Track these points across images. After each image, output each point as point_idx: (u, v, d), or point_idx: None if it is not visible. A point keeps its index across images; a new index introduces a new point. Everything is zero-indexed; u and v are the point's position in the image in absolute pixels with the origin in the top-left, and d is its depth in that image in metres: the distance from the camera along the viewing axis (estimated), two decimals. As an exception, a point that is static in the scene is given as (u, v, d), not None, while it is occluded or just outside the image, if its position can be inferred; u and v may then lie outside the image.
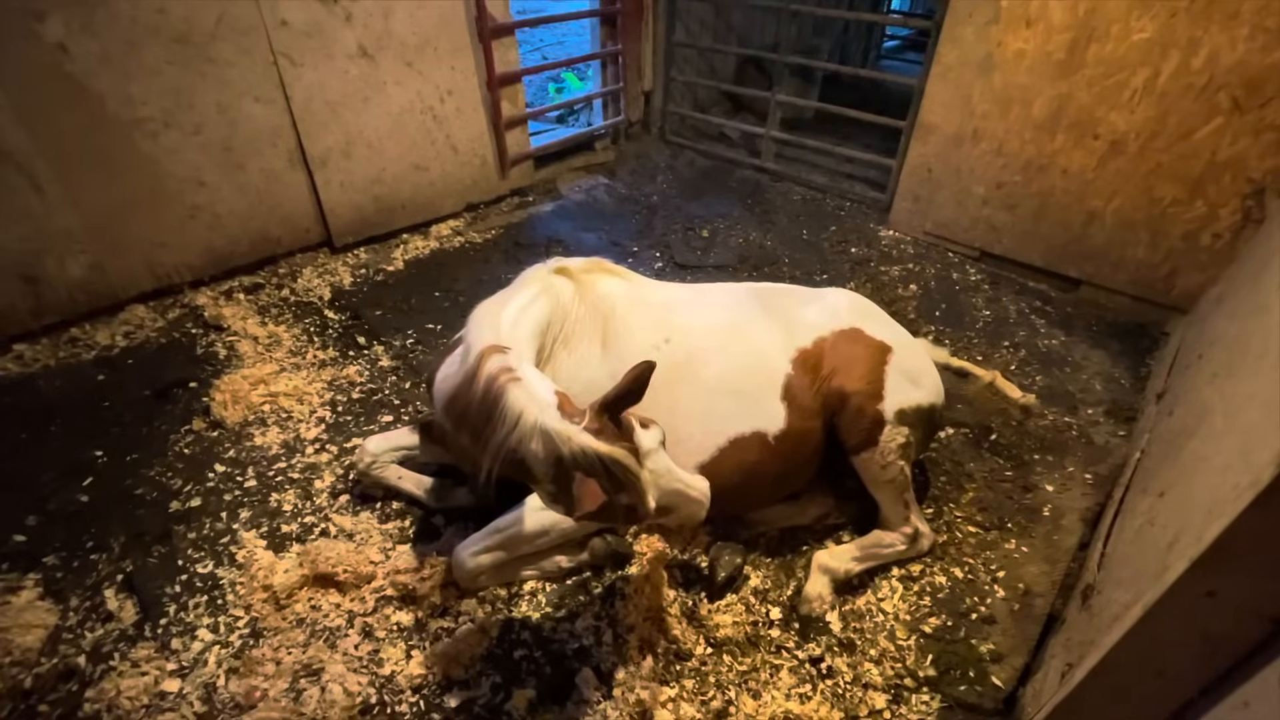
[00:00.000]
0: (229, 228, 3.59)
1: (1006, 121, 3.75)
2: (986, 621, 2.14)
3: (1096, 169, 3.54)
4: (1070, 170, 3.63)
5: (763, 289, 2.53)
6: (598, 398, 1.62)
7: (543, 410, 1.57)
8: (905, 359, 2.23)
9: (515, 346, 1.78)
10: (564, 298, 2.10)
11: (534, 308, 2.01)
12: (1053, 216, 3.78)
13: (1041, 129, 3.65)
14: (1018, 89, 3.65)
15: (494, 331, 1.82)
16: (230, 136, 3.43)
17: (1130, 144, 3.39)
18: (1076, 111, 3.50)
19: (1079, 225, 3.70)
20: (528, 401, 1.59)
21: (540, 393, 1.63)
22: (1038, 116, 3.63)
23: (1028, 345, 3.44)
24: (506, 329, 1.85)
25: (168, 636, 2.02)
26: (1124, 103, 3.35)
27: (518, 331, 1.88)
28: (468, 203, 4.57)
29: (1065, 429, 2.91)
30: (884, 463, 2.13)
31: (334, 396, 2.95)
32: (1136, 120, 3.34)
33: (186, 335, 3.27)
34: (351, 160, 3.89)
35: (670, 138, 5.76)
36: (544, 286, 2.08)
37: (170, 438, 2.70)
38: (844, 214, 4.76)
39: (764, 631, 2.09)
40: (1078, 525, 2.45)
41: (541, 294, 2.05)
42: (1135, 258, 3.58)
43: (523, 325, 1.92)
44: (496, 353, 1.73)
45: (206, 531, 2.34)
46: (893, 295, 3.79)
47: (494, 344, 1.76)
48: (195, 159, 3.36)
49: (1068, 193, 3.68)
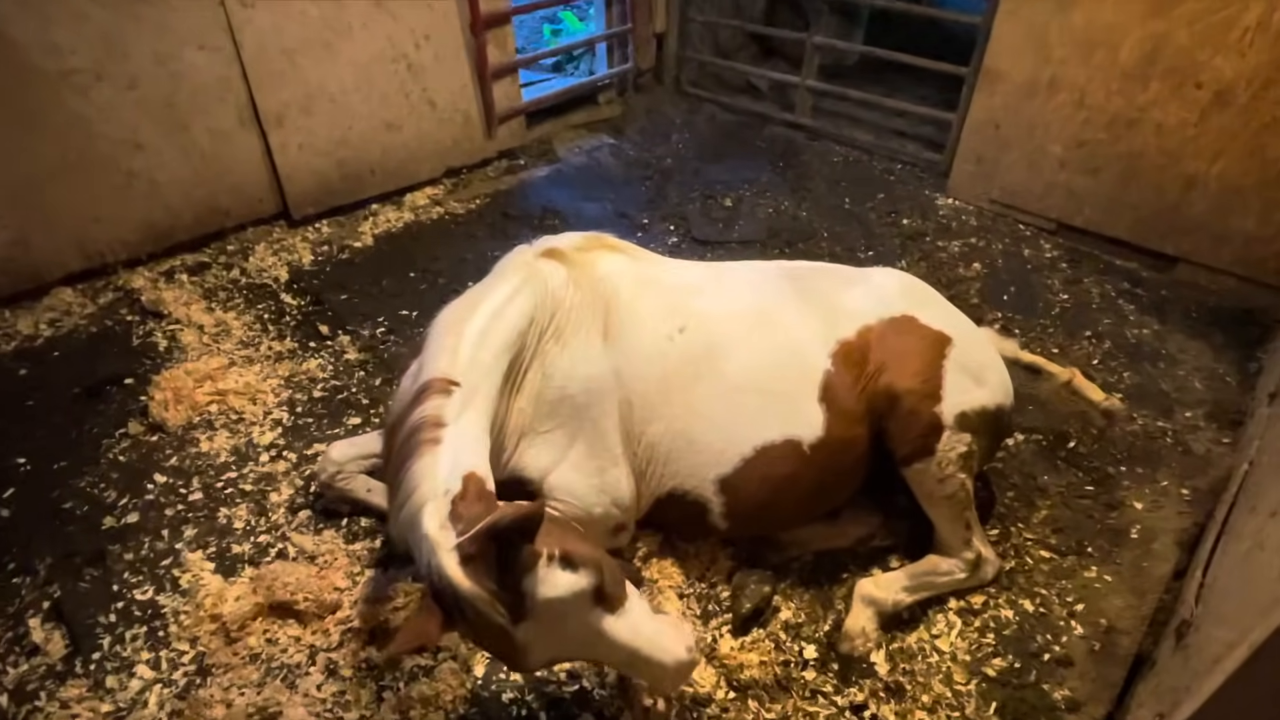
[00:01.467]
0: (170, 198, 3.62)
1: (1089, 68, 3.70)
2: (1061, 663, 2.13)
3: (1197, 125, 3.48)
4: (1166, 126, 3.57)
5: (797, 268, 2.51)
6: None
7: (432, 497, 1.56)
8: (967, 352, 2.22)
9: (471, 379, 1.81)
10: (553, 286, 2.11)
11: (511, 309, 2.01)
12: (1144, 181, 3.72)
13: (1131, 77, 3.59)
14: (1103, 28, 3.60)
15: (452, 352, 1.85)
16: (171, 91, 3.45)
17: (1239, 94, 3.33)
18: (1174, 55, 3.44)
19: (1175, 192, 3.65)
20: (426, 478, 1.61)
21: (442, 472, 1.62)
22: (1127, 62, 3.58)
23: (1113, 335, 3.40)
24: (468, 349, 1.86)
25: (101, 673, 2.04)
26: (1232, 44, 3.29)
27: (482, 351, 1.89)
28: (448, 167, 4.58)
29: (1158, 435, 2.88)
30: (941, 475, 2.12)
31: (292, 395, 2.97)
32: (1247, 65, 3.28)
33: (121, 323, 3.30)
34: (312, 118, 3.91)
35: (687, 89, 5.73)
36: (527, 277, 2.08)
37: (103, 443, 2.73)
38: (894, 179, 4.72)
39: (796, 673, 2.09)
40: (1172, 550, 2.43)
41: (523, 287, 2.06)
42: (1243, 230, 3.52)
43: (492, 339, 1.93)
44: (439, 393, 1.77)
45: (145, 552, 2.36)
46: (952, 276, 3.76)
47: (443, 376, 1.79)
48: (131, 117, 3.38)
49: (1162, 153, 3.63)
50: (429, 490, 1.59)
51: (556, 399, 2.07)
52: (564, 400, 2.07)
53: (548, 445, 2.09)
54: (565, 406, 2.08)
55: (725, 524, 2.18)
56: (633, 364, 2.11)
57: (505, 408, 2.03)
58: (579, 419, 2.09)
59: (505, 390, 2.01)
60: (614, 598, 1.58)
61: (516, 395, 2.07)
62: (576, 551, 1.52)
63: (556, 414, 2.08)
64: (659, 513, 2.24)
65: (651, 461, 2.14)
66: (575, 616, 1.52)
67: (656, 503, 2.20)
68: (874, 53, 5.01)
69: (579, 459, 2.09)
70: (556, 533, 1.57)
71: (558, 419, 2.09)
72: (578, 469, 2.09)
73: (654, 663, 1.60)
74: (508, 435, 2.06)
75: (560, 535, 1.56)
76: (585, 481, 2.08)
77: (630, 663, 1.63)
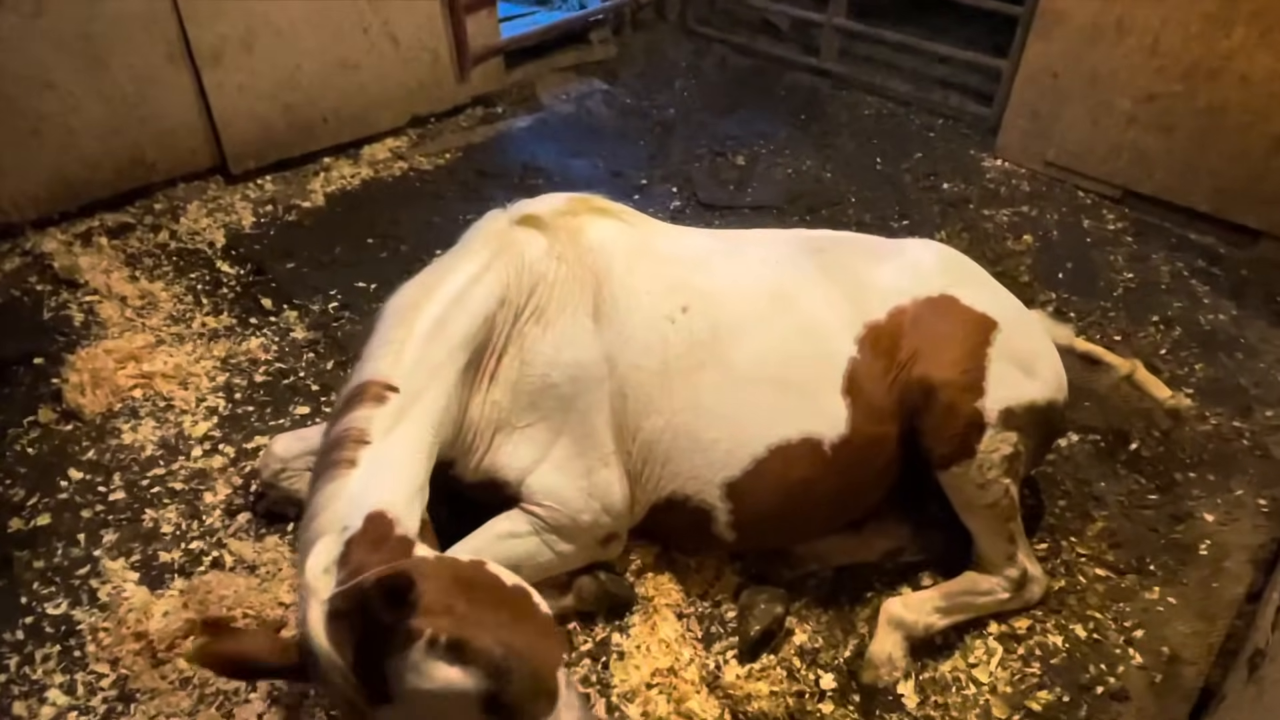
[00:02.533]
0: (87, 147, 3.59)
1: (1164, 7, 3.68)
2: (1117, 698, 2.15)
3: (1289, 76, 3.48)
4: (1252, 78, 3.56)
5: (819, 239, 2.51)
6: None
7: (328, 531, 1.56)
8: (1015, 338, 2.22)
9: (414, 383, 1.81)
10: (530, 258, 2.11)
11: (478, 290, 2.01)
12: (1225, 143, 3.72)
13: (1213, 19, 3.58)
14: (1182, -38, 3.59)
15: (397, 348, 1.86)
16: (88, 21, 3.41)
17: (1338, 41, 3.33)
18: (1264, -6, 3.43)
19: (1261, 155, 3.65)
20: (327, 508, 1.61)
21: (344, 505, 1.62)
22: (1209, 1, 3.56)
23: (1184, 321, 3.41)
24: (416, 346, 1.87)
25: (7, 698, 2.05)
26: (1331, -17, 3.28)
27: (434, 346, 1.90)
28: (413, 115, 4.56)
29: (1233, 438, 2.90)
30: (983, 480, 2.13)
31: (230, 379, 2.96)
32: (1348, 8, 3.27)
33: (30, 293, 3.28)
34: (254, 55, 3.87)
35: (694, 27, 5.70)
36: (499, 249, 2.08)
37: (9, 432, 2.73)
38: (934, 136, 4.71)
39: (812, 705, 2.11)
40: (1246, 570, 2.45)
41: (494, 262, 2.06)
42: (1339, 201, 3.54)
43: (450, 330, 1.94)
44: (371, 400, 1.77)
45: (59, 559, 2.36)
46: (999, 250, 3.76)
47: (380, 379, 1.80)
48: (39, 52, 3.35)
49: (1247, 110, 3.62)
50: (326, 523, 1.59)
51: (538, 389, 2.07)
52: (547, 390, 2.07)
53: (527, 442, 2.09)
54: (548, 398, 2.08)
55: (732, 534, 2.19)
56: (627, 349, 2.11)
57: (475, 401, 2.05)
58: (564, 412, 2.09)
59: (471, 384, 2.03)
60: (524, 713, 1.46)
61: (490, 386, 2.07)
62: (476, 642, 1.41)
63: (538, 406, 2.08)
64: (656, 521, 2.24)
65: (648, 462, 2.14)
66: None
67: (653, 509, 2.21)
68: (914, -13, 4.99)
69: (563, 458, 2.09)
70: (476, 608, 1.47)
71: (539, 411, 2.09)
72: (562, 469, 2.09)
73: None
74: (479, 432, 2.07)
75: (476, 612, 1.47)
76: (571, 484, 2.09)
77: None
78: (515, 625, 1.52)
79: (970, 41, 5.02)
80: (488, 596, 1.55)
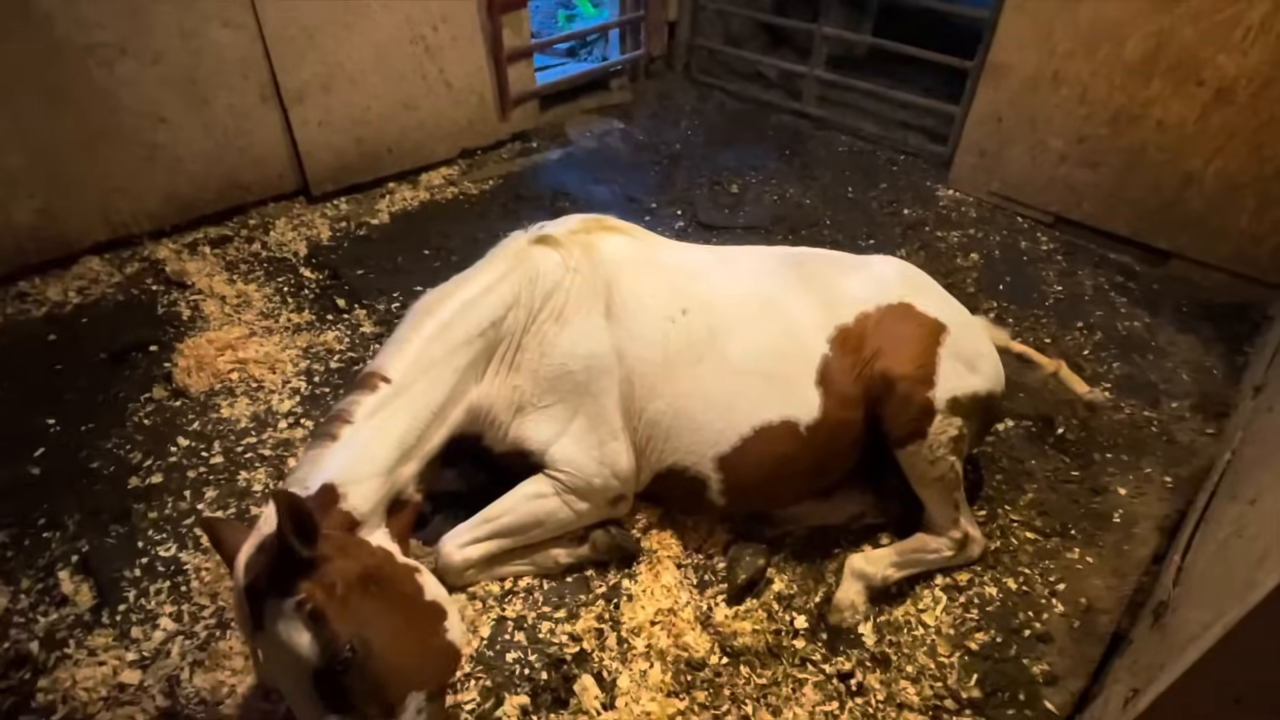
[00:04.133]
0: (193, 171, 3.61)
1: (1093, 63, 3.64)
2: (1042, 639, 2.15)
3: (1198, 122, 3.43)
4: (1167, 123, 3.52)
5: (799, 255, 2.50)
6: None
7: (292, 488, 1.54)
8: (961, 340, 2.21)
9: (407, 376, 1.82)
10: (544, 270, 2.12)
11: (489, 298, 2.03)
12: (1143, 177, 3.68)
13: (1135, 72, 3.53)
14: (1109, 24, 3.53)
15: (400, 346, 1.88)
16: (195, 67, 3.43)
17: (1240, 92, 3.28)
18: (1178, 52, 3.38)
19: (1173, 188, 3.60)
20: (302, 467, 1.61)
21: (313, 469, 1.61)
22: (1131, 57, 3.52)
23: (1105, 327, 3.39)
24: (417, 345, 1.89)
25: (127, 624, 2.08)
26: (1235, 42, 3.23)
27: (435, 346, 1.91)
28: (463, 148, 4.55)
29: (1144, 425, 2.88)
30: (933, 458, 2.13)
31: (310, 365, 2.98)
32: (1249, 64, 3.22)
33: (146, 292, 3.31)
34: (331, 96, 3.89)
35: (697, 76, 5.66)
36: (514, 264, 2.10)
37: (129, 406, 2.76)
38: (897, 169, 4.67)
39: (787, 641, 2.12)
40: (1152, 534, 2.44)
41: (509, 274, 2.08)
42: (1237, 227, 3.48)
43: (454, 331, 1.95)
44: (366, 388, 1.78)
45: (169, 511, 2.39)
46: (950, 265, 3.74)
47: (378, 371, 1.82)
48: (155, 92, 3.37)
49: (1162, 149, 3.58)
50: (294, 481, 1.62)
51: (556, 375, 2.08)
52: (564, 376, 2.09)
53: (549, 419, 2.10)
54: (565, 382, 2.09)
55: (723, 500, 2.20)
56: (635, 343, 2.12)
57: (495, 386, 2.07)
58: (580, 395, 2.10)
59: (481, 375, 2.04)
60: (351, 706, 1.37)
61: (511, 373, 2.09)
62: (333, 624, 1.35)
63: (556, 389, 2.09)
64: (659, 487, 2.26)
65: (652, 438, 2.15)
66: (288, 676, 1.41)
67: (656, 477, 2.22)
68: (881, 44, 4.94)
69: (579, 432, 2.10)
70: (361, 599, 1.41)
71: (558, 394, 2.10)
72: (578, 442, 2.10)
73: None
74: (498, 411, 2.09)
75: (358, 602, 1.41)
76: (585, 454, 2.10)
77: None
78: (393, 631, 1.45)
79: (928, 90, 4.97)
80: (385, 597, 1.49)
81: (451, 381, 1.95)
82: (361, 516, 1.64)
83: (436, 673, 1.57)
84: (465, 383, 2.01)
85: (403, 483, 1.83)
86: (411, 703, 1.45)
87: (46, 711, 1.88)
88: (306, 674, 1.38)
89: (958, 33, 5.21)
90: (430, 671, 1.53)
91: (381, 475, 1.73)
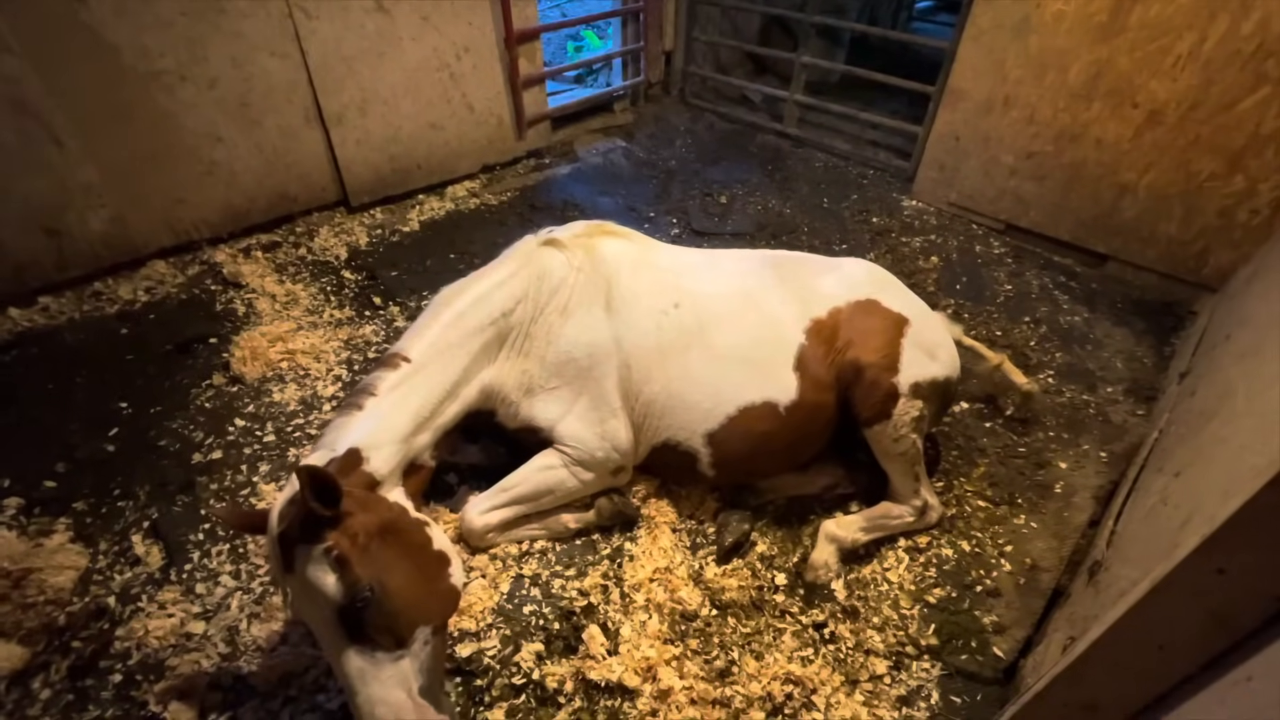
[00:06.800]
0: (246, 185, 3.59)
1: (1040, 88, 3.61)
2: (991, 594, 2.16)
3: (1132, 140, 3.41)
4: (1105, 141, 3.50)
5: (778, 257, 2.49)
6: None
7: (322, 448, 1.54)
8: (922, 332, 2.21)
9: (424, 357, 1.82)
10: (550, 269, 2.11)
11: (499, 293, 2.02)
12: (1083, 189, 3.66)
13: (1077, 96, 3.51)
14: (1054, 53, 3.50)
15: (420, 330, 1.88)
16: (246, 91, 3.41)
17: (1170, 114, 3.25)
18: (1115, 78, 3.35)
19: (1110, 199, 3.58)
20: (330, 432, 1.60)
21: (340, 435, 1.60)
22: (1074, 83, 3.49)
23: (1049, 321, 3.38)
24: (435, 330, 1.89)
25: (192, 581, 2.09)
26: (1166, 69, 3.20)
27: (450, 332, 1.91)
28: (484, 164, 4.52)
29: (1082, 407, 2.88)
30: (896, 435, 2.13)
31: (350, 355, 2.98)
32: (1178, 89, 3.19)
33: (206, 291, 3.30)
34: (367, 118, 3.86)
35: (690, 100, 5.63)
36: (523, 263, 2.10)
37: (191, 391, 2.76)
38: (866, 182, 4.65)
39: (769, 596, 2.12)
40: (1089, 503, 2.44)
41: (519, 271, 2.07)
42: (1166, 233, 3.47)
43: (467, 320, 1.95)
44: (389, 366, 1.77)
45: (228, 483, 2.40)
46: (913, 267, 3.72)
47: (400, 352, 1.82)
48: (211, 114, 3.35)
49: (1100, 164, 3.56)
50: (324, 444, 1.62)
51: (562, 361, 2.08)
52: (569, 362, 2.08)
53: (555, 400, 2.10)
54: (570, 368, 2.09)
55: (712, 472, 2.20)
56: (632, 333, 2.11)
57: (506, 370, 2.07)
58: (583, 378, 2.09)
59: (493, 360, 2.04)
60: (368, 638, 1.37)
61: (521, 359, 2.08)
62: (355, 568, 1.36)
63: (562, 374, 2.09)
64: (656, 460, 2.26)
65: (648, 416, 2.15)
66: (315, 611, 1.42)
67: (653, 451, 2.22)
68: (853, 72, 4.89)
69: (583, 411, 2.10)
70: (380, 547, 1.41)
71: (563, 378, 2.10)
72: (582, 419, 2.10)
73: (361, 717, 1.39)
74: (508, 391, 2.08)
75: (377, 549, 1.41)
76: (589, 430, 2.10)
77: (349, 700, 1.41)
78: (405, 575, 1.46)
79: (895, 112, 4.93)
80: (399, 546, 1.50)
81: (464, 363, 1.95)
82: (381, 477, 1.65)
83: (441, 610, 1.59)
84: (478, 365, 2.01)
85: (418, 449, 1.83)
86: (419, 635, 1.47)
87: (123, 657, 1.90)
88: (331, 610, 1.41)
89: (921, 61, 5.21)
90: (436, 609, 1.55)
91: (399, 442, 1.73)
